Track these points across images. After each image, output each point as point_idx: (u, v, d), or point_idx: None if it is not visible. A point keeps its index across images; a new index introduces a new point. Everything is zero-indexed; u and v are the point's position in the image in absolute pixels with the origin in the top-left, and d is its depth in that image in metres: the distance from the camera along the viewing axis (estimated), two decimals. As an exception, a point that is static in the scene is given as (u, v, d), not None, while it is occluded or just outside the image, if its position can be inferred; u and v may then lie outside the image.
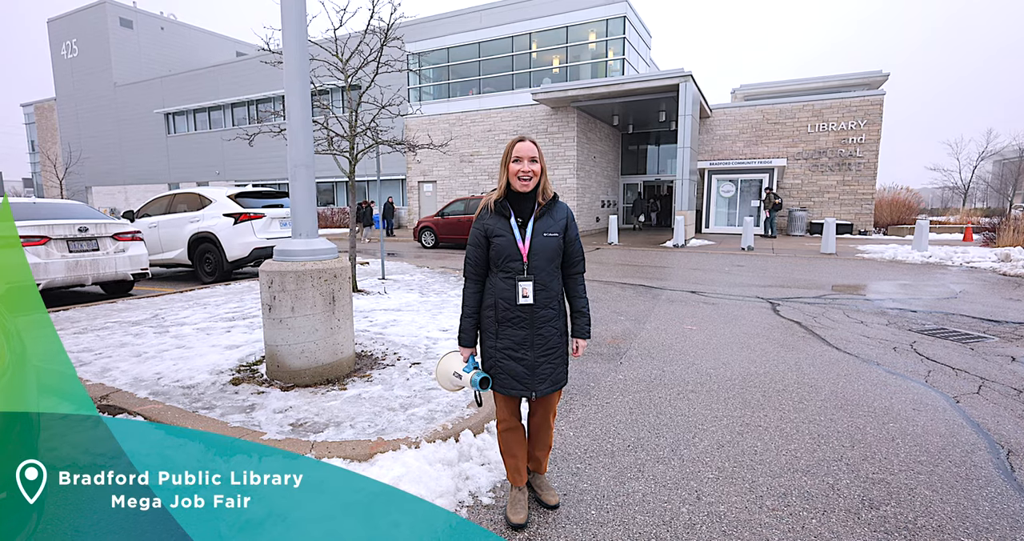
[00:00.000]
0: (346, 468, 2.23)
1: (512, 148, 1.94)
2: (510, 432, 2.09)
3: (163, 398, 2.99)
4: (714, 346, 4.78)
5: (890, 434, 3.00)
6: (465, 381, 1.96)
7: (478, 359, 2.06)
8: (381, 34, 5.88)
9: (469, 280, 2.04)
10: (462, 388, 2.06)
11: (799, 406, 3.39)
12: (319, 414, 2.79)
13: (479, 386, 1.92)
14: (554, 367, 2.01)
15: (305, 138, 3.29)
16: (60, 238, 5.91)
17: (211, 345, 4.03)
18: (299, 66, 3.22)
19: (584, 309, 2.08)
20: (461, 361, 2.03)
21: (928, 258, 11.17)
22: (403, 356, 3.87)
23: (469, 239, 2.03)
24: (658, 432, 2.97)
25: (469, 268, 2.03)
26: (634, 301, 6.84)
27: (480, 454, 2.50)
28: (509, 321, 1.96)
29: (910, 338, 5.10)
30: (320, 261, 3.31)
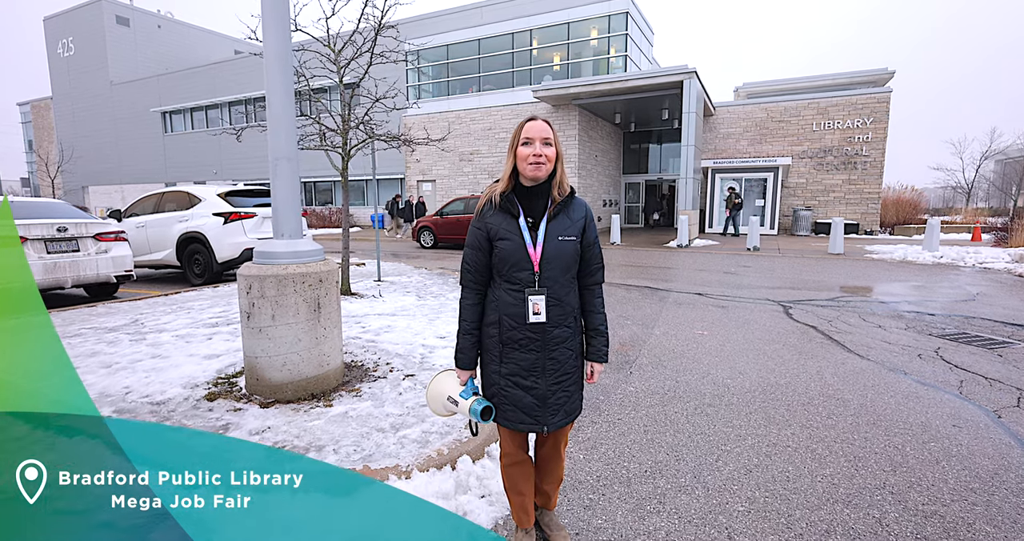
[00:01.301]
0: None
1: (521, 129, 1.61)
2: (516, 467, 1.79)
3: (129, 416, 2.70)
4: (728, 353, 4.49)
5: (933, 455, 2.71)
6: (463, 409, 1.66)
7: (478, 381, 1.76)
8: (375, 22, 5.58)
9: (467, 289, 1.70)
10: (455, 414, 1.76)
11: (828, 422, 3.11)
12: (299, 436, 2.50)
13: (480, 417, 1.61)
14: (568, 395, 1.70)
15: (287, 129, 3.00)
16: (37, 238, 5.61)
17: (189, 354, 3.73)
18: (280, 49, 2.93)
19: (602, 327, 1.76)
20: (457, 384, 1.72)
21: (939, 258, 10.89)
22: (396, 367, 3.57)
23: (467, 240, 1.69)
24: (678, 454, 2.68)
25: (467, 275, 1.69)
26: (640, 304, 6.56)
27: (480, 484, 2.21)
28: (516, 342, 1.63)
29: (933, 344, 4.82)
30: (304, 264, 3.01)
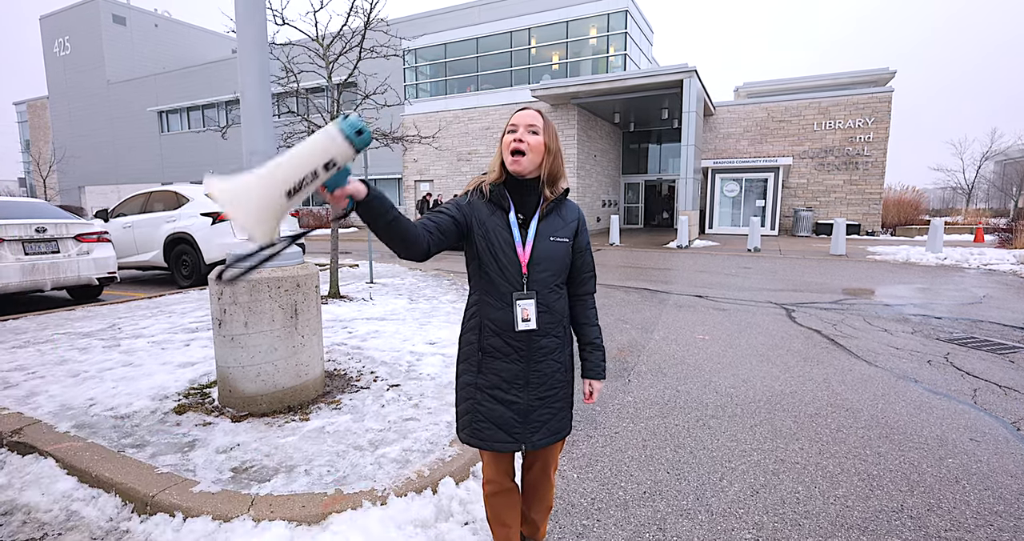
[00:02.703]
0: (289, 535, 1.75)
1: (511, 118, 1.47)
2: (500, 496, 1.60)
3: (88, 432, 2.51)
4: (730, 359, 4.31)
5: (952, 473, 2.53)
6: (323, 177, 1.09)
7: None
8: (364, 16, 5.39)
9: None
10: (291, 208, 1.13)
11: (838, 436, 2.92)
12: (270, 455, 2.31)
13: (352, 130, 1.08)
14: (553, 413, 1.52)
15: (263, 122, 2.81)
16: (14, 239, 5.40)
17: (162, 363, 3.54)
18: (254, 36, 2.74)
19: (597, 341, 1.59)
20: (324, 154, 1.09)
21: (943, 260, 10.72)
22: (381, 376, 3.38)
23: (437, 209, 1.44)
24: (678, 473, 2.50)
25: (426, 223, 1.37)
26: (640, 307, 6.37)
27: (463, 509, 2.02)
28: (498, 351, 1.46)
29: (941, 349, 4.64)
30: (280, 268, 2.82)
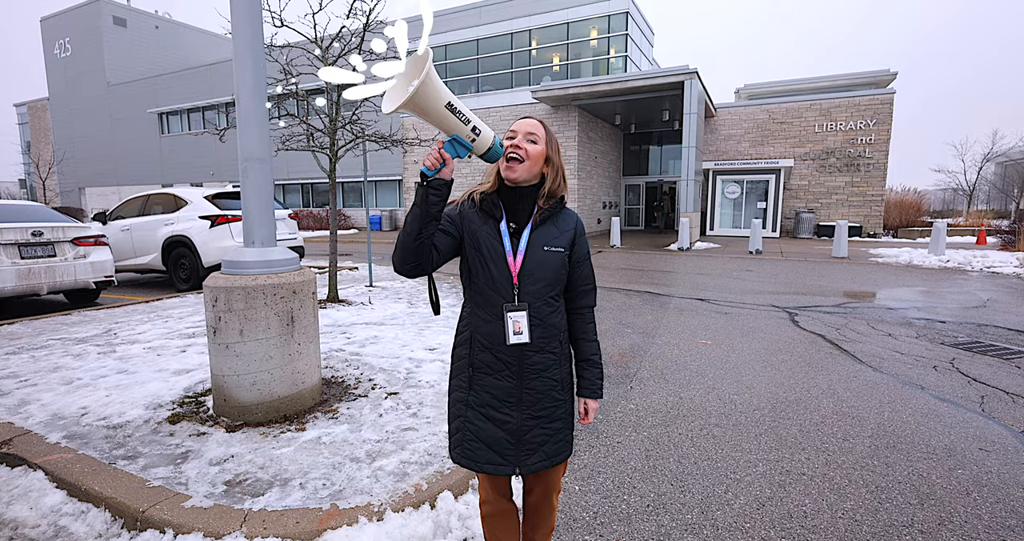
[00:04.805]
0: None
1: (512, 125, 1.43)
2: (496, 518, 1.53)
3: (79, 443, 2.45)
4: (733, 365, 4.25)
5: (962, 485, 2.47)
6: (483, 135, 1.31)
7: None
8: (364, 18, 5.35)
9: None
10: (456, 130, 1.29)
11: (844, 445, 2.87)
12: (264, 467, 2.25)
13: (496, 144, 1.35)
14: (549, 435, 1.43)
15: (259, 126, 2.76)
16: (10, 243, 5.35)
17: (157, 370, 3.48)
18: (250, 38, 2.69)
19: (595, 357, 1.51)
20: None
21: (946, 263, 10.66)
22: (379, 383, 3.33)
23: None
24: (683, 484, 2.44)
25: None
26: (641, 310, 6.32)
27: (462, 525, 1.97)
28: (488, 367, 1.39)
29: (947, 354, 4.59)
30: (276, 274, 2.77)
